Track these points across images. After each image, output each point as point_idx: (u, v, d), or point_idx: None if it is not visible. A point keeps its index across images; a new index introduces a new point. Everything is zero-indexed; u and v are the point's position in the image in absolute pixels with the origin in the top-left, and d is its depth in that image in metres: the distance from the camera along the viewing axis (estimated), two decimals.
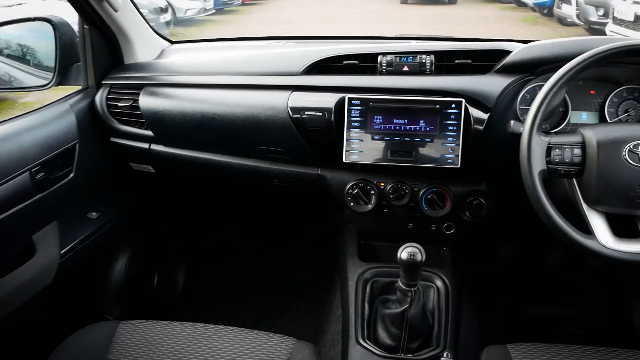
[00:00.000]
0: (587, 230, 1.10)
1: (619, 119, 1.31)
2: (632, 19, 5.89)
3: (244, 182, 1.65)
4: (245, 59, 1.57)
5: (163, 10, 8.50)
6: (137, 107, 1.55)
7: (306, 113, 1.36)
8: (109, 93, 1.60)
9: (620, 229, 1.10)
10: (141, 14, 1.68)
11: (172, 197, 2.00)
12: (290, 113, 1.38)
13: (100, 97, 1.60)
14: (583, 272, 2.01)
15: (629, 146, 1.08)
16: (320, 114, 1.35)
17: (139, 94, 1.55)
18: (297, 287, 2.11)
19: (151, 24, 1.76)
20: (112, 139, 1.64)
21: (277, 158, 1.48)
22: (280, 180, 1.53)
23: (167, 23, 8.62)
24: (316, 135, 1.38)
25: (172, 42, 1.86)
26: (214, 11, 11.01)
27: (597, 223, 1.10)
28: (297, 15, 11.39)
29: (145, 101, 1.54)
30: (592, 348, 1.14)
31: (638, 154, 1.07)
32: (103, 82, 1.62)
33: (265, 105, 1.41)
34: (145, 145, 1.61)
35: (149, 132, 1.57)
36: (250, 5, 13.21)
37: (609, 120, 1.31)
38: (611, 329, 1.89)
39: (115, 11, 1.51)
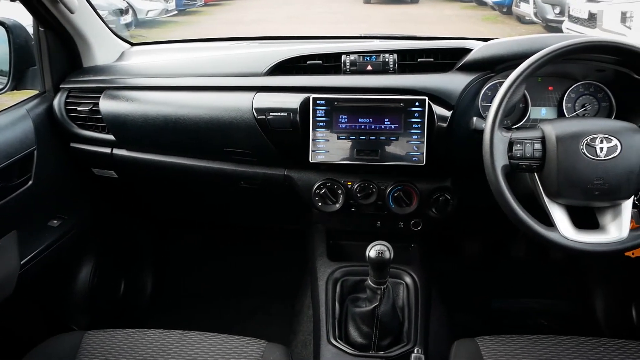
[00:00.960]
0: (549, 222, 1.13)
1: (577, 114, 1.34)
2: (586, 16, 6.09)
3: (209, 185, 1.63)
4: (208, 61, 1.56)
5: (123, 12, 8.31)
6: (98, 111, 1.51)
7: (271, 114, 1.35)
8: (67, 97, 1.56)
9: (580, 221, 1.13)
10: (99, 15, 1.65)
11: (136, 202, 1.97)
12: (255, 114, 1.37)
13: (58, 101, 1.56)
14: (547, 265, 2.06)
15: (586, 140, 1.11)
16: (285, 114, 1.35)
17: (99, 97, 1.51)
18: (267, 288, 2.10)
19: (111, 25, 1.73)
20: (72, 144, 1.59)
21: (243, 160, 1.47)
22: (246, 182, 1.52)
23: (128, 25, 8.43)
24: (282, 136, 1.38)
25: (133, 44, 1.82)
26: (176, 12, 10.83)
27: (558, 215, 1.13)
28: (261, 15, 11.32)
29: (106, 105, 1.50)
30: (557, 337, 1.17)
31: (595, 148, 1.10)
32: (61, 86, 1.57)
33: (229, 107, 1.40)
34: (107, 150, 1.57)
35: (111, 137, 1.54)
36: (213, 5, 13.05)
37: (567, 115, 1.35)
38: (576, 318, 1.95)
39: (72, 13, 1.46)
